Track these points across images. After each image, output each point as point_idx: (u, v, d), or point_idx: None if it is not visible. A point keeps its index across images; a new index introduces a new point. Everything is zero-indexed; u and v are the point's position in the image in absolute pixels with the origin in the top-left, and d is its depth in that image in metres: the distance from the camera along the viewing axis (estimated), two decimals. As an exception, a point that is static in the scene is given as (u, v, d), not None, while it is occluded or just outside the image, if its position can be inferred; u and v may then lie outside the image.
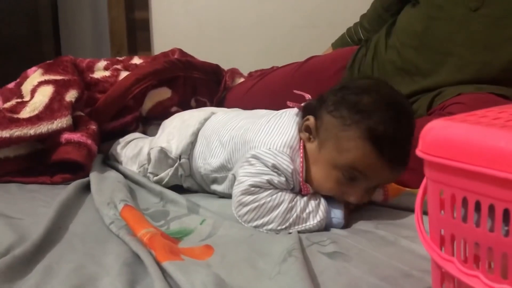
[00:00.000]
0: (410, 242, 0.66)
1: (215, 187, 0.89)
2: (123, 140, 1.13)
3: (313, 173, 0.74)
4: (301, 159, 0.74)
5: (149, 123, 1.26)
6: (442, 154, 0.41)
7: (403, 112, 0.71)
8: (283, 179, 0.73)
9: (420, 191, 0.48)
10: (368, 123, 0.68)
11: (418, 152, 0.44)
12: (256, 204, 0.71)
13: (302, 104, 0.80)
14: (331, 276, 0.57)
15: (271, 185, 0.72)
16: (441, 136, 0.42)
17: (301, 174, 0.74)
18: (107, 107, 1.17)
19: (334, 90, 0.75)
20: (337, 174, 0.71)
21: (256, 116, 0.87)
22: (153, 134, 1.15)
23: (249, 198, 0.72)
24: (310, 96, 0.82)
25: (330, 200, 0.75)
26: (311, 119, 0.75)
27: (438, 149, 0.42)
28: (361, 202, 0.75)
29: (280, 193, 0.72)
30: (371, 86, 0.74)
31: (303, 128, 0.76)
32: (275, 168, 0.73)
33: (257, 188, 0.72)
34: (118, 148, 1.11)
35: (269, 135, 0.76)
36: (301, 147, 0.75)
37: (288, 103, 0.81)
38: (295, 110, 0.80)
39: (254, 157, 0.74)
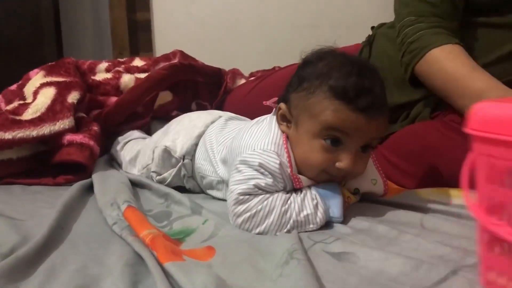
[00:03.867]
0: (413, 236, 0.65)
1: (214, 193, 0.89)
2: (122, 140, 1.14)
3: (299, 154, 0.74)
4: (286, 152, 0.74)
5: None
6: (491, 130, 0.47)
7: (361, 66, 0.72)
8: (269, 180, 0.72)
9: (465, 168, 0.50)
10: (329, 83, 0.70)
11: (468, 130, 0.49)
12: (248, 214, 0.71)
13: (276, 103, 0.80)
14: (339, 276, 0.57)
15: (259, 189, 0.72)
16: (490, 113, 0.48)
17: (289, 166, 0.73)
18: (117, 113, 1.17)
19: (295, 72, 0.77)
20: (320, 142, 0.71)
21: (247, 124, 0.87)
22: (156, 129, 1.16)
23: (241, 208, 0.71)
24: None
25: (328, 194, 0.74)
26: (282, 106, 0.76)
27: (487, 126, 0.47)
28: (356, 168, 0.73)
29: (271, 198, 0.71)
30: (324, 53, 0.76)
31: (280, 119, 0.77)
32: (261, 167, 0.72)
33: (246, 195, 0.71)
34: (118, 147, 1.12)
35: (252, 138, 0.77)
36: (285, 141, 0.75)
37: (264, 102, 0.82)
38: (273, 111, 0.80)
39: (241, 162, 0.74)
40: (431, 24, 0.97)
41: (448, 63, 0.93)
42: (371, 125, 0.70)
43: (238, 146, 0.78)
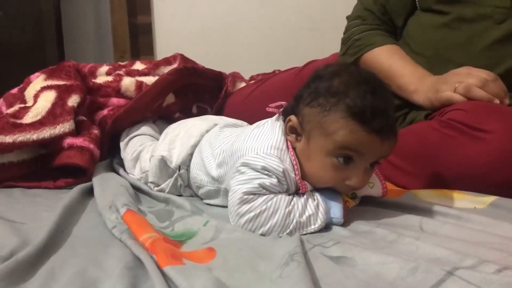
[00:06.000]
0: (412, 240, 0.65)
1: (212, 201, 0.89)
2: (132, 132, 1.14)
3: (309, 168, 0.74)
4: (293, 157, 0.74)
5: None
6: None
7: (375, 85, 0.72)
8: (274, 180, 0.72)
9: None
10: (346, 102, 0.69)
11: None
12: (252, 214, 0.71)
13: (281, 110, 0.80)
14: (337, 279, 0.57)
15: (263, 189, 0.72)
16: None
17: (296, 172, 0.74)
18: (127, 119, 1.17)
19: (306, 84, 0.76)
20: (332, 160, 0.71)
21: (247, 128, 0.87)
22: (160, 129, 1.17)
23: (244, 207, 0.71)
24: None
25: (328, 196, 0.74)
26: (293, 118, 0.75)
27: None
28: (363, 184, 0.74)
29: (275, 199, 0.71)
30: (340, 70, 0.75)
31: (288, 130, 0.76)
32: (265, 169, 0.72)
33: (251, 195, 0.71)
34: (125, 140, 1.13)
35: (254, 141, 0.77)
36: (290, 147, 0.75)
37: (268, 108, 0.82)
38: (276, 116, 0.80)
39: (243, 164, 0.74)
40: (373, 26, 1.17)
41: (385, 61, 1.10)
42: (384, 145, 0.71)
43: (240, 149, 0.78)
